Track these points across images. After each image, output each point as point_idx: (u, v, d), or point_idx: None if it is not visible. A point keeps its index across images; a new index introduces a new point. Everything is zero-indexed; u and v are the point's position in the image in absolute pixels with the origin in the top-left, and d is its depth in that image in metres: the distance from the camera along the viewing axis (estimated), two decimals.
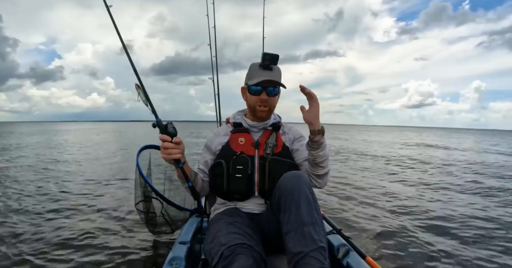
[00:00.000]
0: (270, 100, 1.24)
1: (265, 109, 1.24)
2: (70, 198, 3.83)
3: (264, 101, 1.23)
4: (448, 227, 2.91)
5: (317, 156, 1.12)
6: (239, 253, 0.90)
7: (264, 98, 1.22)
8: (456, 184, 5.23)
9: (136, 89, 1.10)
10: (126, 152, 9.60)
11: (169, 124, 1.05)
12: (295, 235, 0.92)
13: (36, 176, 5.20)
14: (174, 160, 1.06)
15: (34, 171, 5.77)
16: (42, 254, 2.18)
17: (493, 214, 3.38)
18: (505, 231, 2.83)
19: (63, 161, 7.36)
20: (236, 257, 0.89)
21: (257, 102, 1.24)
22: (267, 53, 1.20)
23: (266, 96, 1.22)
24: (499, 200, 4.09)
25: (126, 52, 1.11)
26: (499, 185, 5.17)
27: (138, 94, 1.09)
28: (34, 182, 4.75)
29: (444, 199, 4.07)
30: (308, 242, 0.90)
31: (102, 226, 2.77)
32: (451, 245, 2.46)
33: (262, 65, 1.21)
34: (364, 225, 2.91)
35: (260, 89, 1.21)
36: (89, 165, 6.86)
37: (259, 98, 1.23)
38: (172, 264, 1.14)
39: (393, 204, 3.74)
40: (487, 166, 7.67)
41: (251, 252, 0.93)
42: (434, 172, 6.57)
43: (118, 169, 6.15)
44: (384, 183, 5.24)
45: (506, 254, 2.32)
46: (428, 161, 8.45)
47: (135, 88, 1.10)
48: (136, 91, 1.10)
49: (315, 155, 1.12)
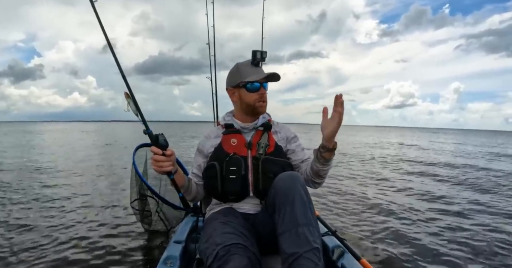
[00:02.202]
0: (266, 95, 1.27)
1: (264, 104, 1.26)
2: (61, 197, 3.82)
3: (264, 96, 1.25)
4: (443, 227, 2.93)
5: (322, 170, 1.14)
6: (234, 253, 0.90)
7: (264, 93, 1.24)
8: (446, 182, 5.28)
9: (125, 98, 1.05)
10: (118, 151, 9.57)
11: (160, 136, 1.03)
12: (290, 236, 0.92)
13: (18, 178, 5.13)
14: (166, 172, 1.06)
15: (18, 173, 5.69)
16: (34, 252, 2.17)
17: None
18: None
19: (50, 161, 7.31)
20: (231, 257, 0.89)
21: (257, 98, 1.24)
22: (257, 50, 1.23)
23: (264, 91, 1.25)
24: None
25: (113, 53, 1.04)
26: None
27: (127, 103, 1.05)
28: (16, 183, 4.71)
29: (437, 199, 4.10)
30: (303, 243, 0.90)
31: (96, 224, 2.76)
32: (448, 246, 2.48)
33: (254, 62, 1.24)
34: (359, 226, 2.92)
35: (259, 85, 1.23)
36: (77, 164, 6.84)
37: (259, 94, 1.23)
38: (166, 263, 1.14)
39: (388, 204, 3.76)
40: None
41: (246, 252, 0.93)
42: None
43: (108, 168, 6.14)
44: (379, 185, 5.27)
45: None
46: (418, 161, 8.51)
47: (124, 97, 1.05)
48: (125, 100, 1.05)
49: (320, 168, 1.13)
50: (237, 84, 1.26)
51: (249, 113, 1.29)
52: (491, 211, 3.68)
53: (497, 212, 3.61)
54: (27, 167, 6.16)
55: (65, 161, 7.41)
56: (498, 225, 3.11)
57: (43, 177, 5.12)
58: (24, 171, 5.75)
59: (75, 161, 7.39)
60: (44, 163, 6.78)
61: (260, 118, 1.31)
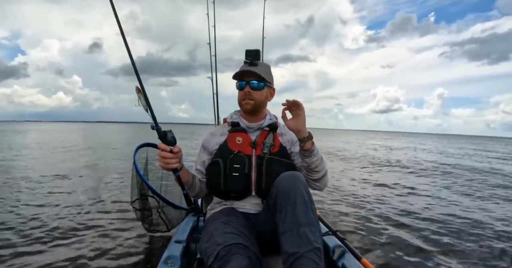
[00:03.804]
0: (254, 94, 1.24)
1: (250, 101, 1.24)
2: (60, 195, 3.82)
3: (248, 94, 1.23)
4: (444, 228, 2.93)
5: (311, 163, 1.14)
6: (235, 253, 0.90)
7: (247, 90, 1.23)
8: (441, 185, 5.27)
9: (136, 93, 1.05)
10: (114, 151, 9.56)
11: (168, 133, 1.02)
12: (291, 236, 0.92)
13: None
14: (172, 169, 1.06)
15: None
16: (33, 252, 2.17)
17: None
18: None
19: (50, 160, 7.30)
20: (231, 257, 0.89)
21: (242, 96, 1.25)
22: (248, 50, 1.24)
23: (250, 89, 1.23)
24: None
25: (128, 52, 1.02)
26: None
27: (138, 98, 1.05)
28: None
29: (436, 201, 4.10)
30: (304, 243, 0.90)
31: (97, 223, 2.76)
32: (446, 246, 2.48)
33: (247, 61, 1.25)
34: (360, 226, 2.92)
35: (244, 83, 1.23)
36: (75, 164, 6.83)
37: (244, 92, 1.24)
38: (167, 262, 1.14)
39: (388, 205, 3.76)
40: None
41: (247, 252, 0.93)
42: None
43: (109, 168, 6.14)
44: (380, 186, 5.27)
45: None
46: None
47: (135, 91, 1.05)
48: (136, 95, 1.05)
49: (309, 162, 1.14)
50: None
51: (243, 111, 1.31)
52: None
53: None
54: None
55: (62, 163, 7.42)
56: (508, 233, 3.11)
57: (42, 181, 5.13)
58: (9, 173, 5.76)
59: (73, 161, 7.41)
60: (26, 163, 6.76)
61: (266, 119, 1.32)
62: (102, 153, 9.32)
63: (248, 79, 1.23)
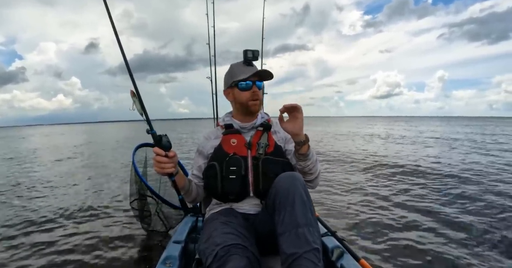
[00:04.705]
0: (259, 93, 1.26)
1: (257, 102, 1.25)
2: (59, 196, 3.81)
3: (256, 94, 1.24)
4: (444, 227, 2.92)
5: (306, 166, 1.14)
6: (234, 254, 0.90)
7: (256, 91, 1.23)
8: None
9: (131, 97, 1.03)
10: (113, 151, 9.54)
11: (163, 137, 1.01)
12: (290, 236, 0.92)
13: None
14: (167, 173, 1.06)
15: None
16: (32, 252, 2.16)
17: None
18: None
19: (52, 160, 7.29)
20: (230, 257, 0.89)
21: (249, 97, 1.24)
22: (248, 50, 1.23)
23: (257, 89, 1.24)
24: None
25: (124, 58, 1.01)
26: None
27: (133, 102, 1.04)
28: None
29: (438, 196, 4.10)
30: (302, 244, 0.90)
31: (95, 224, 2.75)
32: (449, 246, 2.48)
33: (246, 61, 1.24)
34: (359, 227, 2.92)
35: (250, 83, 1.23)
36: (73, 164, 6.82)
37: (251, 92, 1.23)
38: (166, 263, 1.13)
39: (388, 205, 3.76)
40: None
41: (246, 253, 0.92)
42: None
43: (105, 167, 6.13)
44: (379, 185, 5.26)
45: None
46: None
47: (130, 95, 1.04)
48: (131, 99, 1.03)
49: (303, 165, 1.14)
50: (230, 84, 1.27)
51: (245, 112, 1.29)
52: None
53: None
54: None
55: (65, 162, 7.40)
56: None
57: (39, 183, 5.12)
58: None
59: (72, 161, 7.39)
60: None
61: (258, 118, 1.31)
62: (102, 153, 9.32)
63: (253, 78, 1.23)
